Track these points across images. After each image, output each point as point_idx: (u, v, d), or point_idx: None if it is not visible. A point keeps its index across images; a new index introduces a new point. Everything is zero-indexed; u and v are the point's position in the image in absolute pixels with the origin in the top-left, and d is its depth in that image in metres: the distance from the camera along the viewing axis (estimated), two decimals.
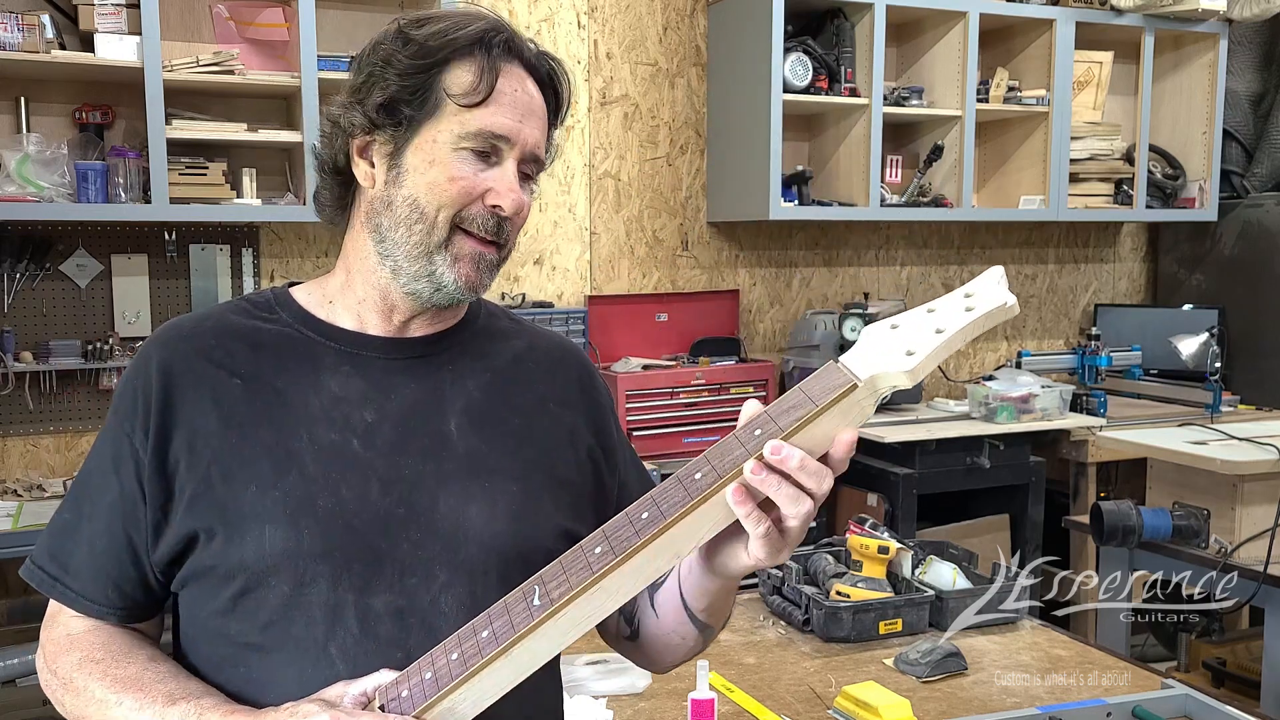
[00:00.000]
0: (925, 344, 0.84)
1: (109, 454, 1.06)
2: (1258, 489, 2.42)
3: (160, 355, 1.07)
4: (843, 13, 3.60)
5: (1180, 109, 4.25)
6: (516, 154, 1.06)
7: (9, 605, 2.93)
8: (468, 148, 1.04)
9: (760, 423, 0.86)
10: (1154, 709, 1.58)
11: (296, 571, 1.00)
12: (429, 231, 1.04)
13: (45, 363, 2.94)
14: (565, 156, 3.64)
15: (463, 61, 1.05)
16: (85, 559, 1.05)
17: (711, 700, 1.54)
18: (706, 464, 0.87)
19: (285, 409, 1.05)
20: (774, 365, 3.71)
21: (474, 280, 1.06)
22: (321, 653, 1.00)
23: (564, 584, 0.88)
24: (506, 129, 1.05)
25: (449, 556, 1.04)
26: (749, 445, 0.85)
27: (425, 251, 1.05)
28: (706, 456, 0.88)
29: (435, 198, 1.04)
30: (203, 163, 2.92)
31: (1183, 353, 3.84)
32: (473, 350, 1.15)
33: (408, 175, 1.05)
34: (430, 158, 1.04)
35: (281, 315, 1.11)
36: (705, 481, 0.86)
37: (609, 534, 0.88)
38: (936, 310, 0.86)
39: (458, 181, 1.04)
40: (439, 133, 1.04)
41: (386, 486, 1.04)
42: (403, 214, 1.05)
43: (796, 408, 0.85)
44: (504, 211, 1.05)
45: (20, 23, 2.66)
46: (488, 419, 1.11)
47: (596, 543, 0.88)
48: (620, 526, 0.88)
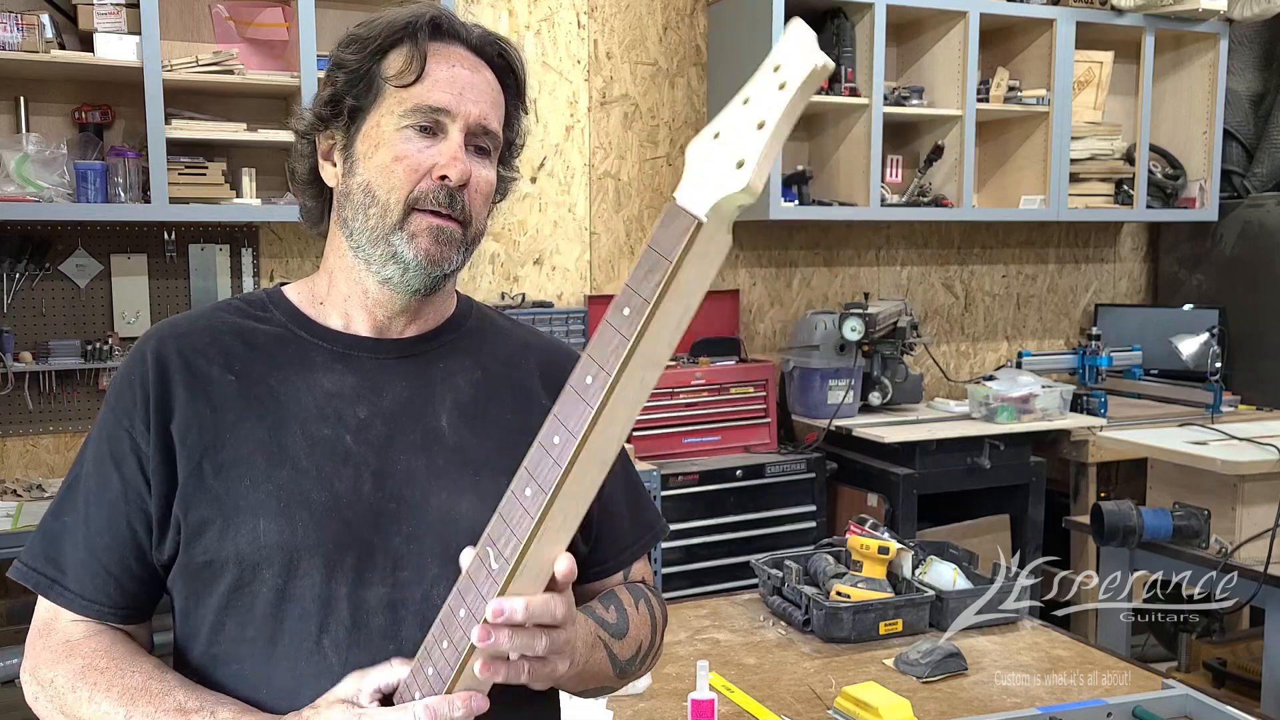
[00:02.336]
0: (752, 146, 0.75)
1: (106, 451, 1.06)
2: (1258, 489, 2.41)
3: (155, 351, 1.07)
4: (843, 12, 3.60)
5: (1180, 109, 4.25)
6: (460, 125, 1.07)
7: (9, 605, 2.93)
8: (409, 125, 1.07)
9: (625, 298, 0.80)
10: (1154, 709, 1.57)
11: (289, 563, 1.00)
12: (383, 214, 1.06)
13: (45, 363, 2.94)
14: (565, 156, 3.64)
15: (396, 48, 1.09)
16: (84, 558, 1.05)
17: (711, 700, 1.54)
18: (593, 364, 0.82)
19: (278, 405, 1.06)
20: (774, 365, 3.71)
21: (434, 253, 1.07)
22: (314, 645, 1.00)
23: (511, 537, 0.86)
24: (444, 101, 1.07)
25: (441, 549, 1.04)
26: (624, 330, 0.79)
27: (383, 234, 1.07)
28: (591, 356, 0.82)
29: (385, 180, 1.06)
30: (202, 163, 2.92)
31: (1183, 353, 3.84)
32: (464, 348, 1.16)
33: (359, 163, 1.08)
34: (376, 141, 1.07)
35: (274, 314, 1.13)
36: (597, 385, 0.81)
37: (533, 471, 0.86)
38: (751, 99, 0.77)
39: (403, 160, 1.06)
40: (382, 117, 1.08)
41: (379, 480, 1.05)
42: (359, 200, 1.08)
43: (654, 270, 0.79)
44: (451, 181, 1.06)
45: (20, 22, 2.65)
46: (479, 414, 1.12)
47: (524, 484, 0.86)
48: (539, 460, 0.85)
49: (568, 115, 3.63)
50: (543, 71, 3.58)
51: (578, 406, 0.82)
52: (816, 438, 3.56)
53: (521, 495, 0.86)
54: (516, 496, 0.87)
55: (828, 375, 3.59)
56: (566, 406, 0.83)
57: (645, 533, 1.25)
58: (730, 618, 2.05)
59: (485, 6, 3.48)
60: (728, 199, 0.77)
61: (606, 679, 1.12)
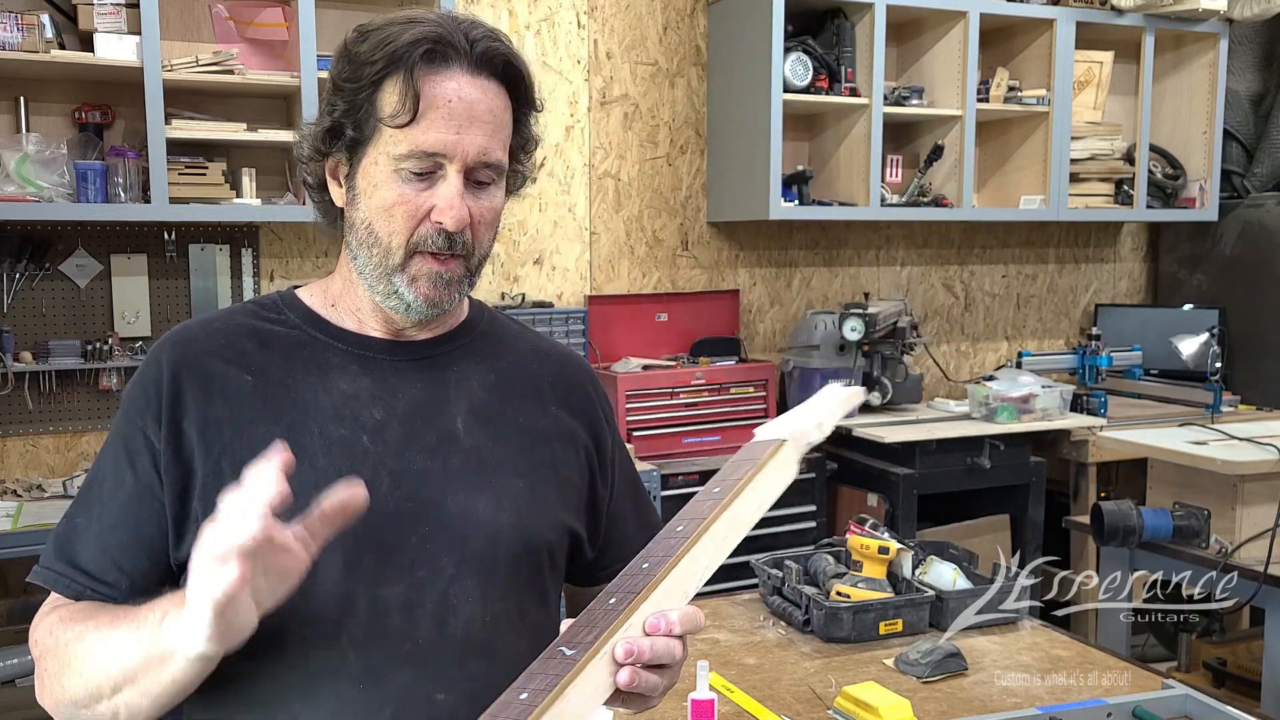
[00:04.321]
0: (829, 417, 1.06)
1: (121, 450, 1.06)
2: (1258, 489, 2.41)
3: (170, 354, 1.08)
4: (843, 12, 3.60)
5: (1180, 109, 4.25)
6: (458, 166, 1.04)
7: (9, 605, 2.93)
8: (405, 168, 1.04)
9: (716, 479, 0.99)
10: (1154, 709, 1.57)
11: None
12: (385, 256, 1.06)
13: (45, 363, 2.94)
14: (565, 156, 3.64)
15: (389, 80, 1.04)
16: (95, 555, 1.05)
17: (711, 700, 1.54)
18: (682, 519, 0.95)
19: (295, 405, 1.06)
20: (774, 365, 3.71)
21: (433, 297, 1.07)
22: (332, 642, 1.01)
23: (592, 629, 0.87)
24: (439, 144, 1.03)
25: (457, 550, 1.05)
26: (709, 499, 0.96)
27: (385, 273, 1.07)
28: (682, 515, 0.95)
29: (386, 224, 1.05)
30: (202, 163, 2.92)
31: (1183, 353, 3.84)
32: (476, 352, 1.17)
33: (360, 198, 1.07)
34: (374, 181, 1.05)
35: (289, 316, 1.13)
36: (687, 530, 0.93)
37: (620, 589, 0.89)
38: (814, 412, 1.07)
39: (402, 205, 1.04)
40: (378, 155, 1.05)
41: (396, 481, 1.05)
42: (363, 236, 1.07)
43: (741, 464, 1.00)
44: (448, 228, 1.04)
45: (20, 22, 2.65)
46: (493, 417, 1.13)
47: (609, 594, 0.89)
48: (627, 576, 0.91)
49: (568, 115, 3.63)
50: (543, 71, 3.57)
51: (667, 544, 0.92)
52: None
53: (604, 604, 0.89)
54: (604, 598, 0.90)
55: (828, 375, 3.59)
56: (660, 542, 0.93)
57: (651, 535, 1.26)
58: (730, 618, 2.05)
59: (485, 7, 3.48)
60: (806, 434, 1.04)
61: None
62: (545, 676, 0.87)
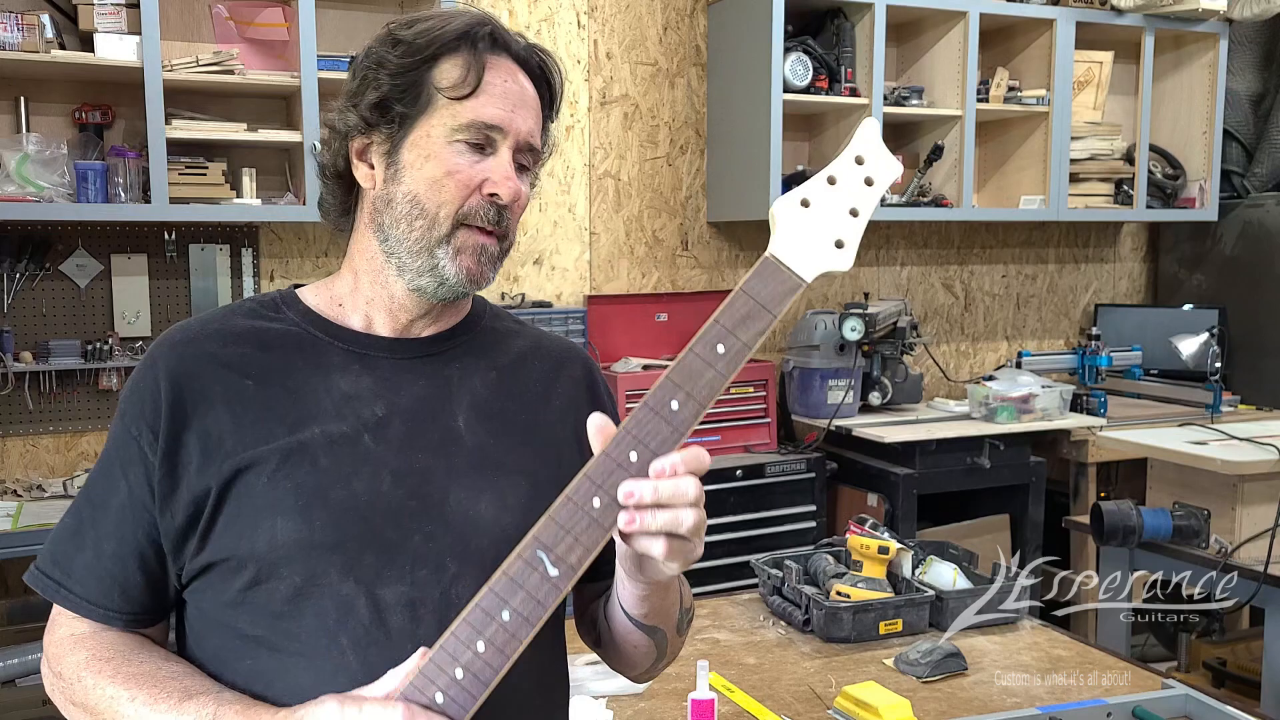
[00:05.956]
0: (851, 232, 0.90)
1: (115, 458, 1.06)
2: (1258, 489, 2.42)
3: (167, 360, 1.07)
4: (843, 12, 3.60)
5: (1180, 109, 4.25)
6: (510, 143, 1.07)
7: (9, 605, 2.93)
8: (461, 140, 1.06)
9: (718, 335, 0.88)
10: (1154, 709, 1.58)
11: (307, 562, 1.00)
12: (430, 227, 1.06)
13: (45, 363, 2.94)
14: (565, 156, 3.64)
15: (450, 56, 1.07)
16: (90, 563, 1.05)
17: (711, 700, 1.54)
18: (679, 390, 0.87)
19: (296, 405, 1.06)
20: (774, 365, 3.71)
21: (475, 272, 1.07)
22: (332, 643, 1.00)
23: (575, 545, 0.87)
24: (498, 118, 1.06)
25: (460, 548, 1.05)
26: (718, 367, 0.87)
27: (427, 246, 1.06)
28: (676, 383, 0.87)
29: (436, 194, 1.05)
30: (202, 163, 2.92)
31: (1183, 353, 3.84)
32: (478, 349, 1.16)
33: (405, 171, 1.07)
34: (426, 152, 1.06)
35: (288, 314, 1.12)
36: (687, 412, 0.87)
37: (599, 482, 0.88)
38: (838, 180, 0.91)
39: (455, 175, 1.05)
40: (432, 127, 1.06)
41: (398, 479, 1.05)
42: (403, 210, 1.06)
43: (753, 317, 0.87)
44: (501, 199, 1.06)
45: (20, 22, 2.65)
46: (495, 414, 1.13)
47: (589, 493, 0.88)
48: (609, 472, 0.88)
49: (568, 115, 3.63)
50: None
51: (660, 428, 0.87)
52: (816, 438, 3.56)
53: (589, 504, 0.88)
54: (579, 506, 0.88)
55: (828, 375, 3.59)
56: (649, 427, 0.87)
57: None
58: (730, 618, 2.06)
59: (486, 7, 3.48)
60: (830, 273, 0.89)
61: (671, 626, 1.12)
62: (525, 598, 0.88)
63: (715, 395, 0.87)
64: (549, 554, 0.88)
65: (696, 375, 0.86)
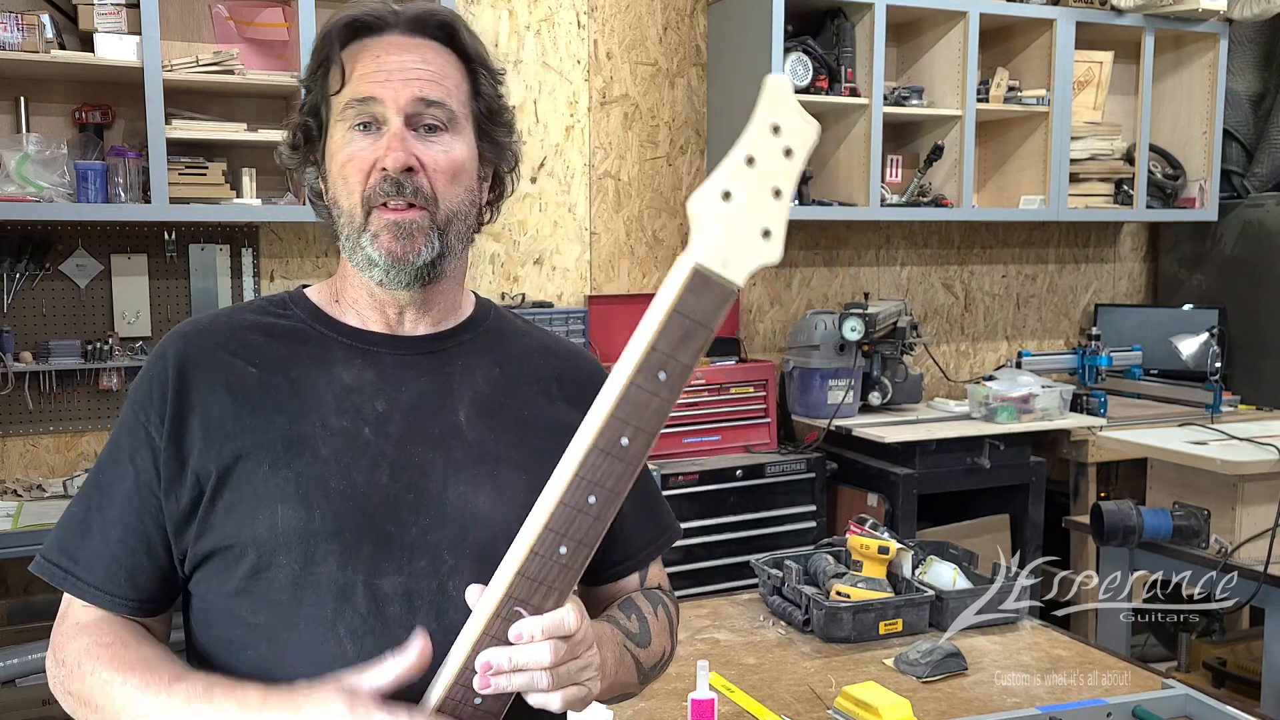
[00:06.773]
0: (776, 216, 0.81)
1: (124, 445, 1.08)
2: (1258, 489, 2.41)
3: (176, 348, 1.10)
4: (843, 12, 3.60)
5: (1180, 109, 4.25)
6: (396, 110, 1.07)
7: (9, 605, 2.93)
8: (348, 125, 1.09)
9: (658, 362, 0.84)
10: (1154, 709, 1.57)
11: (306, 550, 1.02)
12: (350, 219, 1.09)
13: (45, 363, 2.94)
14: (565, 156, 3.64)
15: (328, 62, 1.11)
16: (98, 549, 1.06)
17: (711, 700, 1.54)
18: (627, 425, 0.86)
19: (299, 396, 1.08)
20: (774, 365, 3.71)
21: (395, 249, 1.07)
22: (330, 632, 1.02)
23: (550, 592, 0.91)
24: (369, 90, 1.08)
25: (457, 542, 1.06)
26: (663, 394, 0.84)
27: (355, 239, 1.09)
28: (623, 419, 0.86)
29: (344, 186, 1.09)
30: (202, 162, 2.92)
31: (1183, 353, 3.84)
32: (482, 347, 1.18)
33: (327, 178, 1.12)
34: (331, 152, 1.11)
35: (295, 311, 1.15)
36: (638, 445, 0.86)
37: (562, 531, 0.89)
38: (756, 159, 0.80)
39: (351, 160, 1.08)
40: (332, 129, 1.11)
41: (397, 472, 1.06)
42: (336, 212, 1.11)
43: (690, 336, 0.82)
44: (389, 170, 1.06)
45: (20, 22, 2.65)
46: (496, 410, 1.14)
47: (555, 543, 0.90)
48: (570, 520, 0.89)
49: (568, 115, 3.63)
50: (543, 71, 3.58)
51: (614, 466, 0.86)
52: (816, 438, 3.56)
53: (556, 553, 0.90)
54: (548, 558, 0.90)
55: (828, 375, 3.59)
56: (603, 469, 0.86)
57: (659, 535, 1.27)
58: (730, 618, 2.06)
59: (485, 7, 3.48)
60: (763, 267, 0.81)
61: (631, 687, 1.16)
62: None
63: (664, 421, 0.86)
64: (525, 606, 0.91)
65: (642, 407, 0.85)
